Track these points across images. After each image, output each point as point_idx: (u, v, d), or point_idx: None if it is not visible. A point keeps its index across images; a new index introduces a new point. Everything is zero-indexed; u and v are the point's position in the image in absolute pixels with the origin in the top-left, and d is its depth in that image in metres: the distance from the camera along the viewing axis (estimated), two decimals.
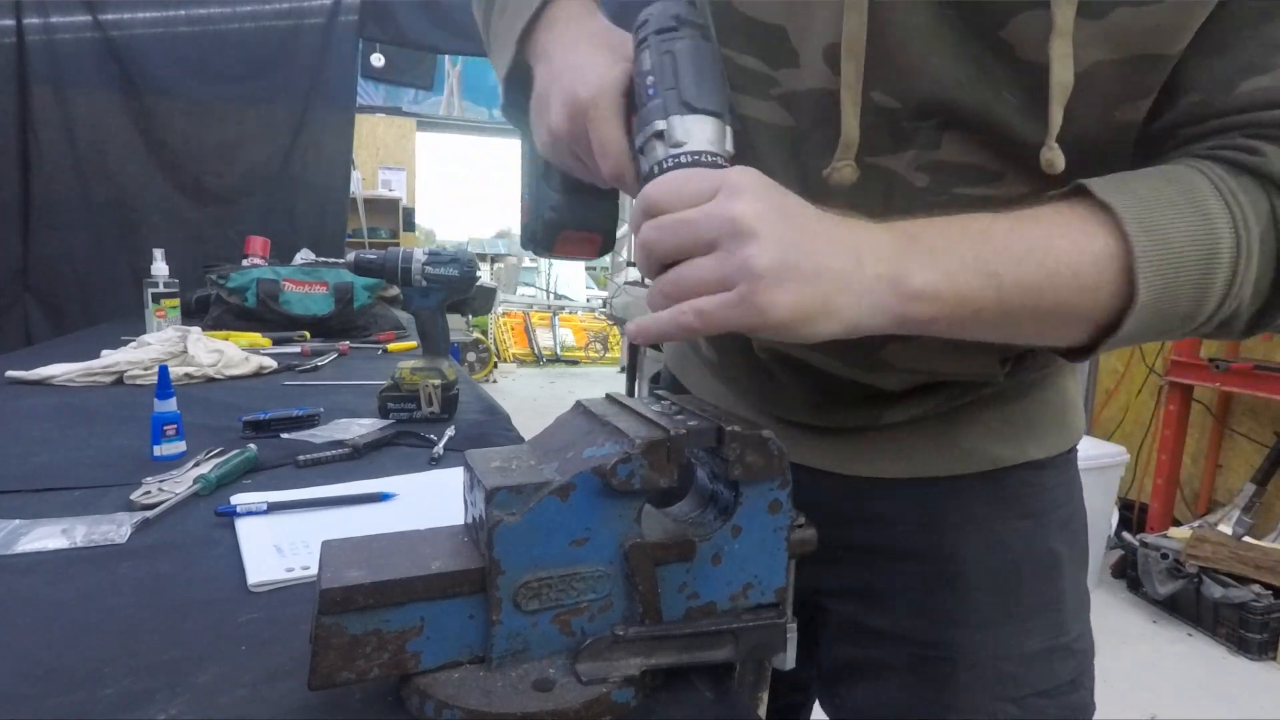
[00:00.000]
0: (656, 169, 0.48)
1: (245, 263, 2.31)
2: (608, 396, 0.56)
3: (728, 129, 0.49)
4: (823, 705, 0.77)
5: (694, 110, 0.47)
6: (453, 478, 0.78)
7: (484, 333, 7.01)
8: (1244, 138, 0.48)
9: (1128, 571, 2.95)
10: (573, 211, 0.61)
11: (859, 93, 0.53)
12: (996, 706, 0.64)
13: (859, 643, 0.69)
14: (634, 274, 5.67)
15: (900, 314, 0.46)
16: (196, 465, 0.95)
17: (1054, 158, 0.47)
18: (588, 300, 8.91)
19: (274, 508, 0.81)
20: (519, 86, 0.60)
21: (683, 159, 0.47)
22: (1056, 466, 0.69)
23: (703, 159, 0.47)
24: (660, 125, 0.48)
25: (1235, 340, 0.56)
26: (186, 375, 1.50)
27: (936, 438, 0.66)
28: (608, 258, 8.57)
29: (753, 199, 0.43)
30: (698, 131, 0.47)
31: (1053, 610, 0.66)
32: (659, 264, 0.46)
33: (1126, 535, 3.03)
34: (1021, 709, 0.64)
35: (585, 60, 0.54)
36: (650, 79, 0.50)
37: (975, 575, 0.65)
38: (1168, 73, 0.49)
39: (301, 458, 0.99)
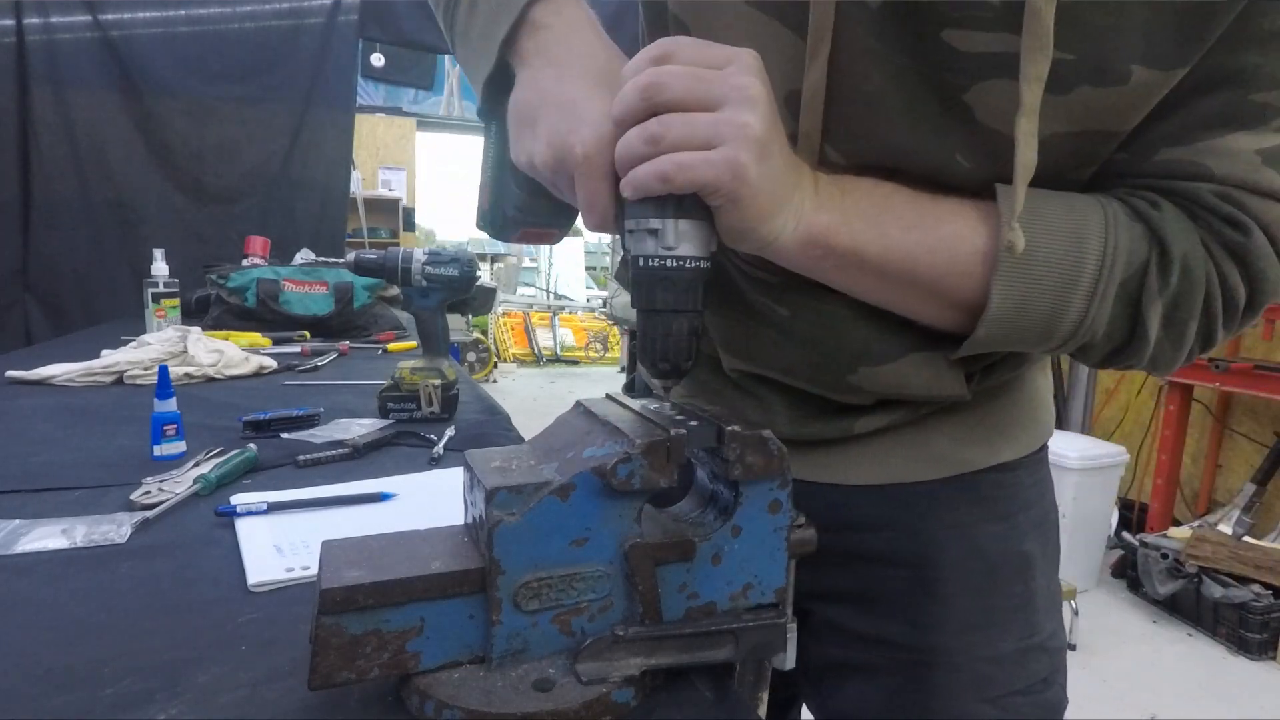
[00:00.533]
0: (642, 261, 0.49)
1: (245, 263, 2.31)
2: (608, 396, 0.56)
3: (715, 231, 0.50)
4: (808, 704, 0.78)
5: (686, 216, 0.48)
6: (453, 478, 0.78)
7: (484, 333, 7.01)
8: (1152, 192, 0.52)
9: (1128, 571, 2.95)
10: (536, 214, 0.61)
11: (817, 144, 0.55)
12: (975, 707, 0.65)
13: (842, 645, 0.70)
14: None
15: (804, 238, 0.50)
16: (196, 465, 0.95)
17: (1015, 240, 0.47)
18: (588, 300, 8.92)
19: (274, 508, 0.81)
20: (499, 86, 0.57)
21: (669, 262, 0.48)
22: (1028, 466, 0.70)
23: (687, 263, 0.49)
24: (655, 225, 0.48)
25: (1096, 368, 0.59)
26: (186, 375, 1.50)
27: (908, 444, 0.67)
28: (608, 258, 8.57)
29: (762, 81, 0.46)
30: (689, 235, 0.48)
31: (1026, 611, 0.68)
32: (657, 108, 0.45)
33: (1126, 535, 3.04)
34: (998, 708, 0.66)
35: (579, 98, 0.50)
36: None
37: (953, 580, 0.66)
38: (1117, 143, 0.52)
39: (301, 458, 0.99)
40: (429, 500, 0.87)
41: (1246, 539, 2.83)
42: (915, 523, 0.67)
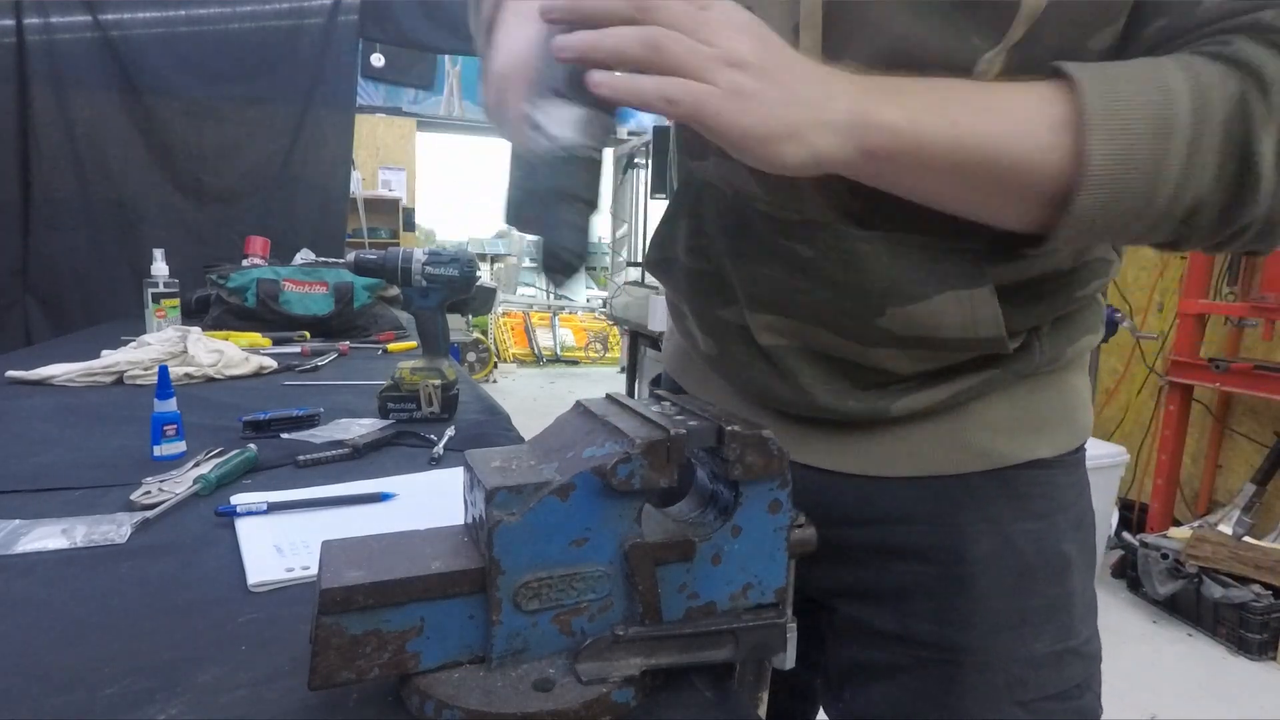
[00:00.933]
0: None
1: (245, 263, 2.30)
2: (608, 396, 0.56)
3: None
4: (826, 710, 0.76)
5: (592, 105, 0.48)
6: (453, 478, 0.78)
7: (484, 333, 7.01)
8: (1213, 39, 0.49)
9: (1128, 571, 2.95)
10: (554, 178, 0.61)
11: (819, 59, 0.54)
12: (1006, 710, 0.63)
13: (866, 644, 0.68)
14: (633, 274, 5.67)
15: (861, 144, 0.48)
16: (196, 465, 0.95)
17: (991, 67, 0.50)
18: (588, 300, 8.91)
19: (274, 508, 0.81)
20: None
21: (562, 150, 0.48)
22: (1065, 465, 0.68)
23: (579, 151, 0.48)
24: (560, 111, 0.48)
25: (1210, 252, 0.56)
26: (186, 375, 1.50)
27: (945, 434, 0.66)
28: (608, 258, 8.58)
29: (749, 21, 0.47)
30: (587, 123, 0.48)
31: (1062, 613, 0.65)
32: (645, 21, 0.46)
33: (1126, 535, 3.03)
34: (1030, 712, 0.63)
35: (506, 30, 0.55)
36: None
37: (986, 577, 0.64)
38: None
39: (301, 458, 0.99)
40: (429, 500, 0.87)
41: (1246, 539, 2.83)
42: (948, 517, 0.65)
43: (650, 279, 4.30)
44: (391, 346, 2.04)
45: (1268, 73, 0.46)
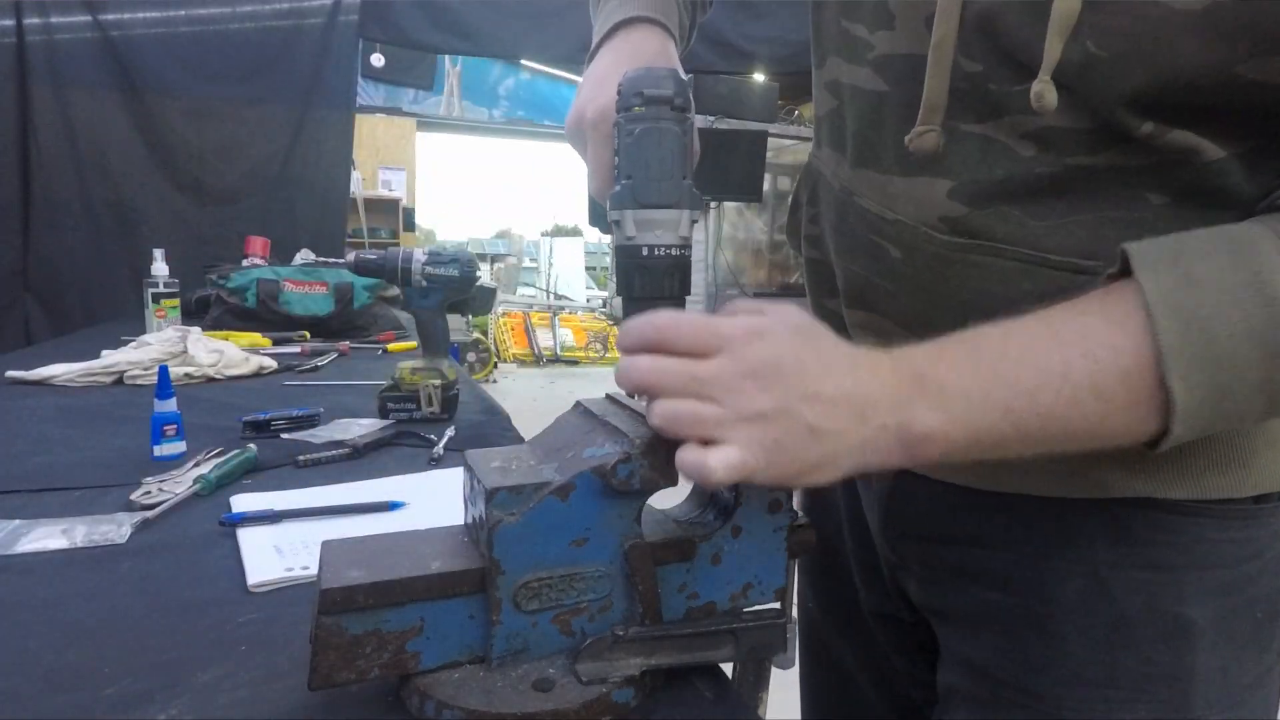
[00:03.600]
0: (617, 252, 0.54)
1: (245, 263, 2.31)
2: (608, 396, 0.56)
3: (683, 214, 0.52)
4: None
5: (643, 206, 0.51)
6: (453, 477, 0.78)
7: (484, 333, 7.01)
8: None
9: None
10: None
11: (950, 55, 0.49)
12: None
13: (956, 670, 0.63)
14: None
15: (908, 455, 0.45)
16: (196, 465, 0.95)
17: (1043, 90, 0.44)
18: (588, 300, 8.92)
19: (281, 516, 0.79)
20: None
21: (643, 250, 0.52)
22: (1222, 516, 0.54)
23: (645, 251, 0.52)
24: (616, 216, 0.52)
25: None
26: (186, 375, 1.50)
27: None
28: (608, 259, 8.58)
29: (756, 362, 0.44)
30: (649, 223, 0.51)
31: (1173, 685, 0.55)
32: (652, 396, 0.45)
33: None
34: None
35: (607, 74, 0.56)
36: (616, 160, 0.53)
37: (1069, 621, 0.56)
38: None
39: (301, 458, 0.99)
40: (431, 501, 0.87)
41: None
42: (1036, 547, 0.57)
43: None
44: (391, 346, 2.04)
45: None
